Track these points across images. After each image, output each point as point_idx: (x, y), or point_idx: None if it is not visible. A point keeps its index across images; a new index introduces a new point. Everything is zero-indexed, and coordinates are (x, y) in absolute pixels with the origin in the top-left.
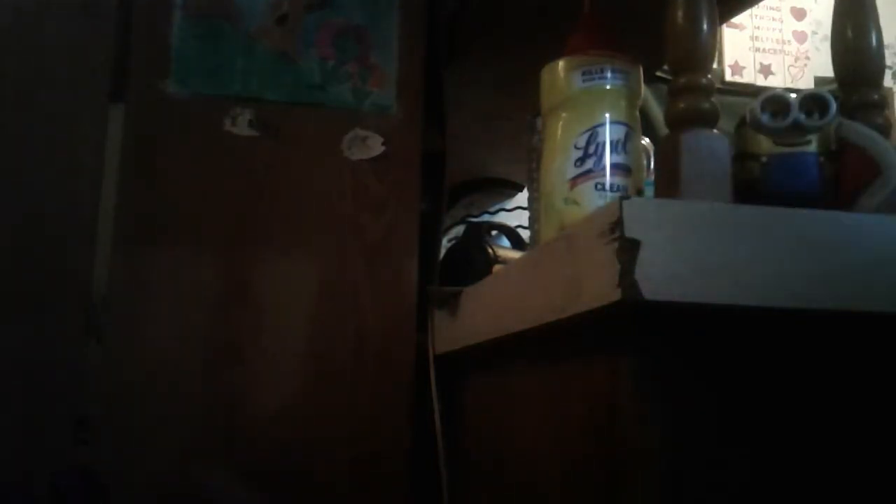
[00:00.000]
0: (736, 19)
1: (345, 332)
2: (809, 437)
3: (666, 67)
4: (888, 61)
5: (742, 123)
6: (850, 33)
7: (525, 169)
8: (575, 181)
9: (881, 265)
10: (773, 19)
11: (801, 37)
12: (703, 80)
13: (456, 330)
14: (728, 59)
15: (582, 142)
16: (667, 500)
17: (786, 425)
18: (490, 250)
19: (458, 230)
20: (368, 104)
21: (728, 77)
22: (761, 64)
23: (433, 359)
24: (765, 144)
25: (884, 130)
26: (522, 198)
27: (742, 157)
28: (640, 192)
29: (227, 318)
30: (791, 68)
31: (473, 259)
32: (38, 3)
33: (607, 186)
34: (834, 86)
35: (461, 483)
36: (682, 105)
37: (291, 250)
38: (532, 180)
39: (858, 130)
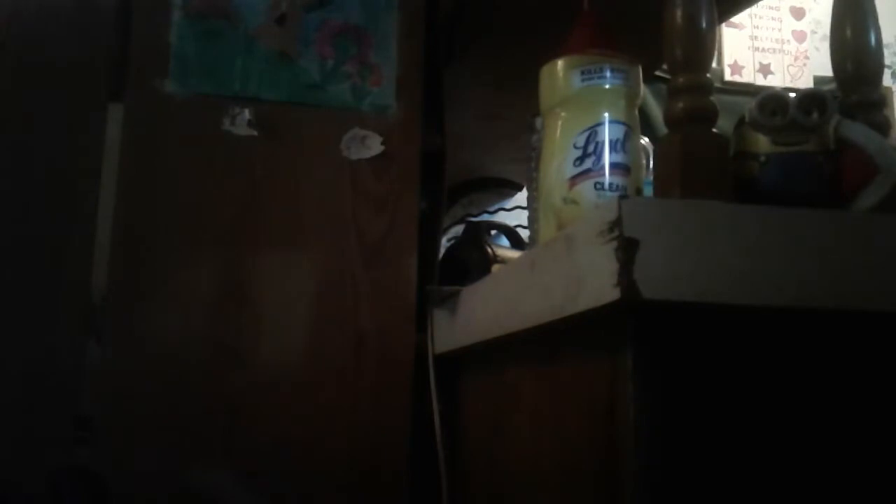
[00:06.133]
0: (735, 19)
1: (344, 332)
2: (810, 436)
3: (665, 67)
4: (887, 60)
5: (741, 123)
6: (849, 33)
7: (524, 169)
8: (574, 180)
9: (880, 264)
10: (773, 19)
11: (800, 36)
12: (703, 80)
13: (455, 330)
14: (727, 59)
15: (581, 141)
16: (666, 500)
17: (786, 424)
18: (489, 250)
19: (458, 230)
20: (368, 104)
21: (727, 76)
22: (760, 63)
23: (433, 359)
24: (764, 144)
25: (883, 129)
26: (522, 197)
27: (741, 156)
28: (639, 192)
29: (227, 318)
30: (790, 68)
31: (473, 259)
32: (38, 3)
33: (606, 186)
34: (833, 85)
35: (461, 482)
36: (681, 104)
37: (290, 250)
38: (531, 180)
39: (857, 129)
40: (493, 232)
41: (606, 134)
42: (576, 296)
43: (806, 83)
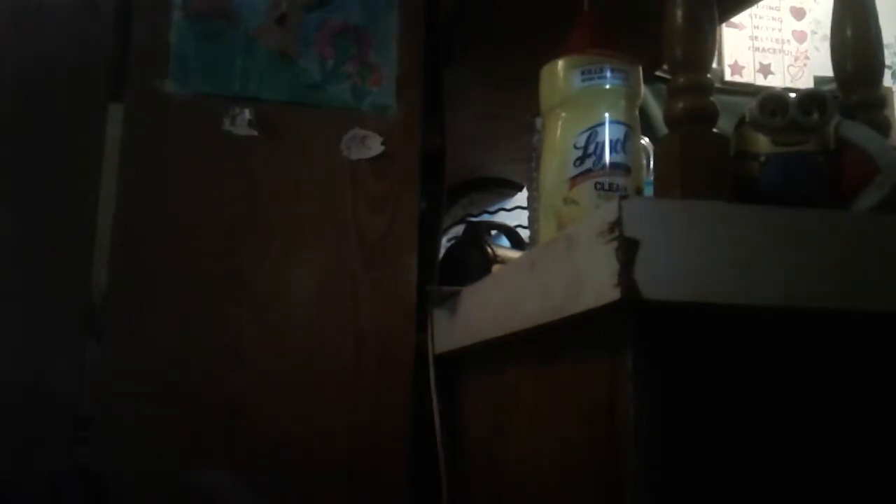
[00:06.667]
0: (735, 19)
1: (344, 332)
2: (810, 436)
3: (665, 67)
4: (887, 61)
5: (741, 123)
6: (849, 33)
7: (524, 169)
8: (574, 181)
9: (880, 264)
10: (773, 19)
11: (800, 36)
12: (703, 80)
13: (455, 330)
14: (727, 59)
15: (581, 141)
16: (666, 500)
17: (786, 424)
18: (489, 250)
19: (458, 230)
20: (368, 104)
21: (727, 77)
22: (761, 63)
23: (433, 359)
24: (764, 144)
25: (883, 129)
26: (522, 198)
27: (741, 156)
28: (639, 192)
29: (227, 319)
30: (791, 68)
31: (473, 259)
32: (37, 3)
33: (606, 186)
34: (833, 85)
35: (461, 482)
36: (681, 104)
37: (290, 250)
38: (531, 180)
39: (857, 130)
40: (493, 232)
41: (607, 134)
42: (576, 296)
43: (806, 83)
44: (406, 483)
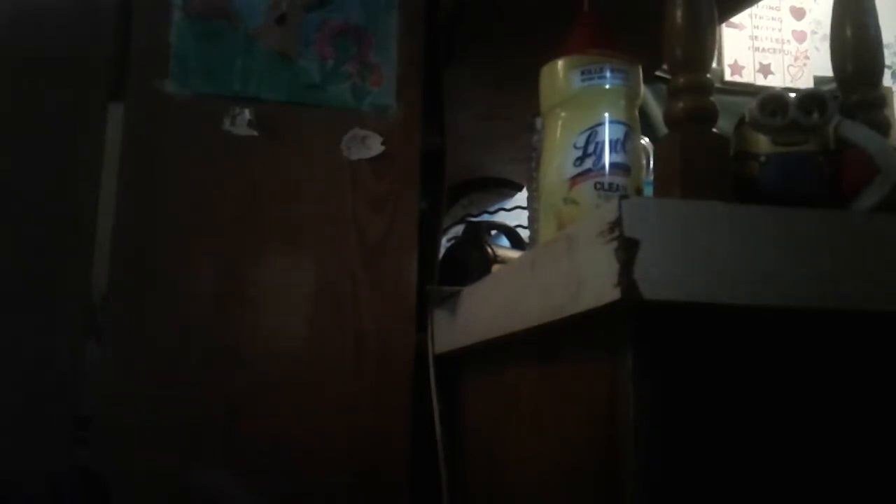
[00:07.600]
0: (735, 19)
1: (344, 332)
2: (810, 436)
3: (665, 67)
4: (887, 61)
5: (741, 123)
6: (849, 33)
7: (524, 169)
8: (574, 181)
9: (880, 265)
10: (773, 19)
11: (800, 36)
12: (703, 80)
13: (455, 330)
14: (727, 59)
15: (581, 141)
16: (666, 500)
17: (786, 425)
18: (489, 250)
19: (458, 230)
20: (368, 104)
21: (727, 77)
22: (760, 63)
23: (433, 359)
24: (764, 144)
25: (883, 129)
26: (522, 198)
27: (741, 156)
28: (639, 192)
29: (226, 319)
30: (790, 68)
31: (473, 259)
32: (38, 3)
33: (606, 186)
34: (833, 85)
35: (461, 482)
36: (681, 104)
37: (290, 250)
38: (531, 180)
39: (857, 130)
40: (493, 232)
41: (606, 134)
42: (576, 296)
43: (806, 83)
44: (406, 483)
